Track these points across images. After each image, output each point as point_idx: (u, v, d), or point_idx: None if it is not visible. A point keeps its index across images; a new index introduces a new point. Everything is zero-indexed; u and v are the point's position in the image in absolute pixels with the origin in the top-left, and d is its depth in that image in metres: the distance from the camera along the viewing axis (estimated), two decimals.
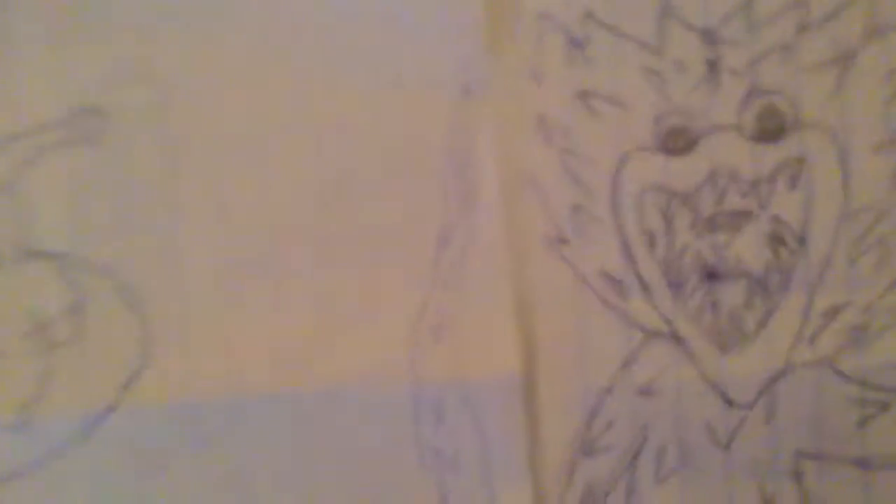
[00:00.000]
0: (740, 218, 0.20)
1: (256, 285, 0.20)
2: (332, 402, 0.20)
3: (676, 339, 0.20)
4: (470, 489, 0.20)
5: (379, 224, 0.20)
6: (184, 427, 0.20)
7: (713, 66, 0.20)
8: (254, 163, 0.20)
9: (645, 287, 0.20)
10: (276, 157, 0.20)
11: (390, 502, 0.20)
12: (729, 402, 0.20)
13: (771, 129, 0.20)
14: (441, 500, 0.20)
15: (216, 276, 0.20)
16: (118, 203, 0.20)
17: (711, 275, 0.20)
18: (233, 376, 0.20)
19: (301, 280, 0.20)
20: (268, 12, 0.20)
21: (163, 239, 0.20)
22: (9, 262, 0.20)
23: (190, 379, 0.20)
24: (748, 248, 0.20)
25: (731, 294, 0.20)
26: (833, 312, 0.20)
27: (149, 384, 0.20)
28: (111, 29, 0.19)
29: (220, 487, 0.20)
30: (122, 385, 0.20)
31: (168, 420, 0.20)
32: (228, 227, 0.20)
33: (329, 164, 0.20)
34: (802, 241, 0.20)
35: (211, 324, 0.20)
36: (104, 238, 0.20)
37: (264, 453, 0.20)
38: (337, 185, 0.20)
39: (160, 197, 0.20)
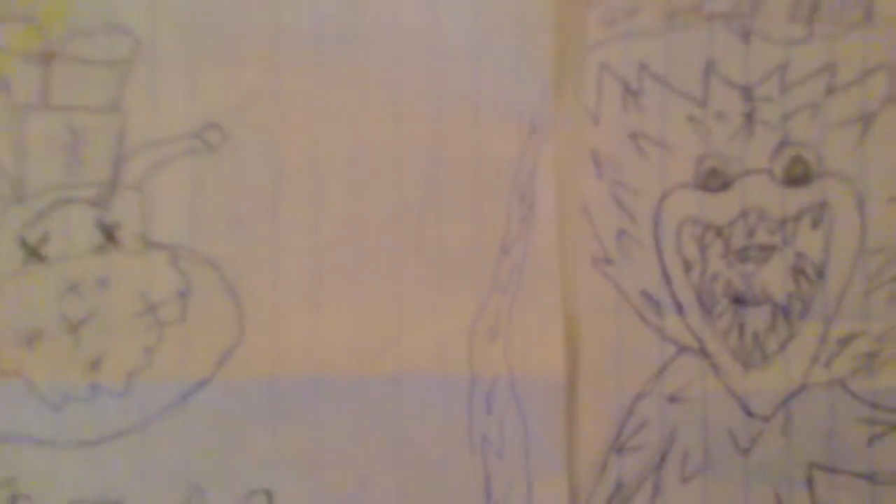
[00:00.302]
0: (767, 251, 0.23)
1: (340, 283, 0.23)
2: (398, 388, 0.23)
3: (705, 354, 0.23)
4: (511, 475, 0.23)
5: (450, 235, 0.23)
6: (267, 401, 0.23)
7: (749, 119, 0.23)
8: (345, 180, 0.23)
9: (679, 307, 0.23)
10: (366, 175, 0.23)
11: (440, 481, 0.23)
12: (749, 414, 0.23)
13: (798, 175, 0.23)
14: (485, 482, 0.23)
15: (306, 274, 0.23)
16: (228, 206, 0.23)
17: (739, 300, 0.23)
18: (313, 360, 0.23)
19: (379, 281, 0.23)
20: (365, 49, 0.23)
21: (263, 239, 0.23)
22: (130, 250, 0.23)
23: (276, 360, 0.23)
24: (773, 278, 0.23)
25: (756, 318, 0.23)
26: (847, 339, 0.23)
27: (240, 362, 0.23)
28: (238, 57, 0.23)
29: (292, 460, 0.23)
30: (217, 361, 0.23)
31: (254, 394, 0.23)
32: (320, 233, 0.23)
33: (410, 183, 0.23)
34: (822, 274, 0.23)
35: (298, 314, 0.23)
36: (213, 235, 0.23)
37: (334, 430, 0.23)
38: (416, 201, 0.23)
39: (264, 204, 0.23)
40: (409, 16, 0.23)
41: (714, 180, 0.23)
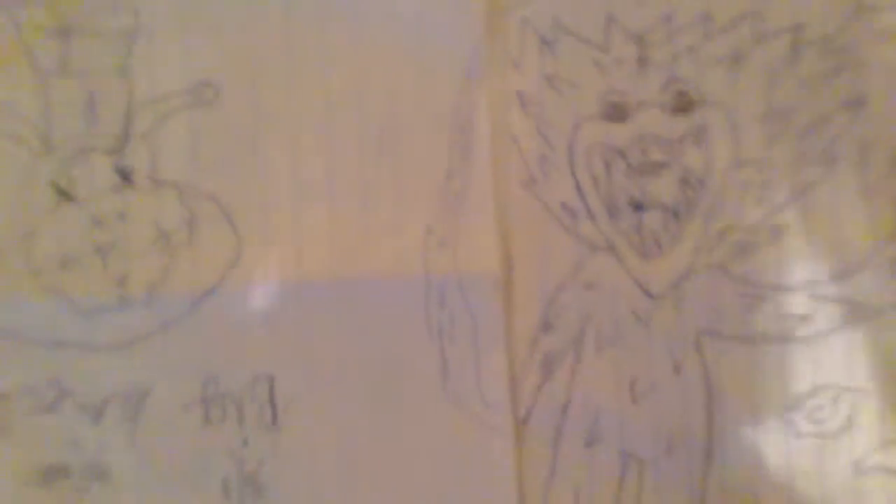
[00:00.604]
0: (659, 167, 0.28)
1: (316, 207, 0.28)
2: (367, 289, 0.28)
3: (612, 250, 0.28)
4: (462, 354, 0.28)
5: (405, 165, 0.28)
6: (262, 304, 0.28)
7: (642, 61, 0.28)
8: (317, 122, 0.28)
9: (591, 214, 0.28)
10: (333, 118, 0.28)
11: (407, 364, 0.28)
12: (648, 295, 0.28)
13: (682, 105, 0.28)
14: (442, 363, 0.28)
15: (288, 201, 0.28)
16: (222, 149, 0.28)
17: (638, 206, 0.28)
18: (297, 269, 0.28)
19: (347, 204, 0.28)
20: (329, 15, 0.28)
21: (252, 174, 0.28)
22: (143, 189, 0.28)
23: (267, 271, 0.28)
24: (664, 187, 0.28)
25: (652, 219, 0.28)
26: (724, 232, 0.28)
27: (238, 274, 0.28)
28: (223, 25, 0.28)
29: (286, 349, 0.28)
30: (220, 274, 0.28)
31: (251, 299, 0.28)
32: (297, 167, 0.28)
33: (371, 123, 0.28)
34: (703, 183, 0.28)
35: (283, 233, 0.28)
36: (211, 173, 0.28)
37: (317, 326, 0.28)
38: (376, 138, 0.28)
39: (251, 146, 0.28)
40: None
41: (615, 112, 0.28)
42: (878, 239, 0.28)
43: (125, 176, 0.28)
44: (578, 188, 0.28)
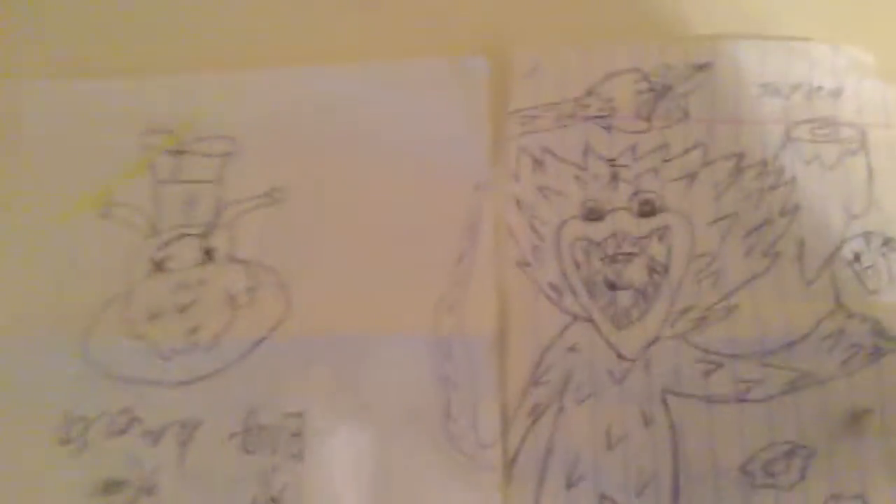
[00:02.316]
0: (629, 256, 0.35)
1: (353, 279, 0.35)
2: (388, 343, 0.34)
3: (591, 321, 0.34)
4: (463, 400, 0.33)
5: (425, 251, 0.35)
6: (300, 353, 0.34)
7: (614, 177, 0.36)
8: (361, 216, 0.36)
9: (573, 292, 0.35)
10: (370, 218, 0.36)
11: (414, 406, 0.33)
12: (622, 357, 0.33)
13: (647, 211, 0.36)
14: (446, 405, 0.33)
15: (332, 273, 0.35)
16: (284, 235, 0.36)
17: (613, 286, 0.34)
18: (332, 327, 0.35)
19: (379, 277, 0.35)
20: (369, 146, 0.38)
21: (304, 255, 0.36)
22: (221, 263, 0.36)
23: (308, 328, 0.35)
24: (635, 273, 0.34)
25: (624, 298, 0.34)
26: (685, 310, 0.34)
27: (285, 329, 0.35)
28: (294, 150, 0.38)
29: (317, 391, 0.33)
30: (271, 328, 0.35)
31: (293, 349, 0.34)
32: (342, 248, 0.36)
33: (401, 218, 0.36)
34: (667, 270, 0.34)
35: (325, 299, 0.35)
36: (274, 254, 0.36)
37: (345, 371, 0.34)
38: (404, 231, 0.36)
39: (306, 234, 0.36)
40: (398, 126, 0.38)
41: (593, 214, 0.36)
42: (818, 317, 0.33)
43: (209, 254, 0.36)
44: (563, 271, 0.35)
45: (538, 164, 0.37)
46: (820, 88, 0.37)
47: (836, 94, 0.37)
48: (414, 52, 0.39)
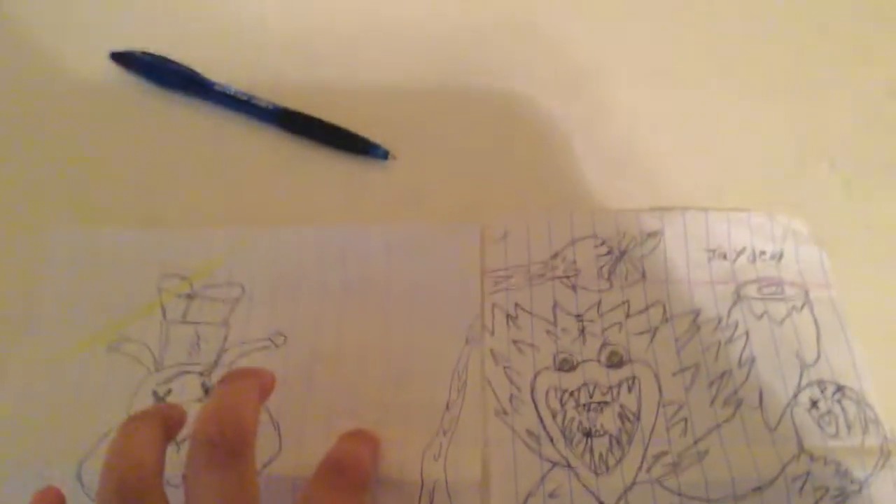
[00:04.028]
0: (602, 405, 0.36)
1: (343, 421, 0.36)
2: (377, 488, 0.34)
3: (569, 467, 0.35)
4: None
5: (415, 399, 0.37)
6: (290, 489, 0.35)
7: (582, 331, 0.39)
8: (353, 362, 0.38)
9: (550, 439, 0.36)
10: (365, 363, 0.38)
11: None
12: (601, 502, 0.34)
13: (615, 362, 0.38)
14: None
15: (322, 416, 0.37)
16: (280, 376, 0.35)
17: (588, 434, 0.36)
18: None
19: (368, 422, 0.36)
20: (372, 296, 0.41)
21: (299, 396, 0.37)
22: None
23: (297, 466, 0.35)
24: (608, 420, 0.36)
25: (600, 444, 0.35)
26: (659, 456, 0.35)
27: (276, 466, 0.36)
28: (296, 301, 0.40)
29: None
30: (264, 464, 0.36)
31: (282, 485, 0.35)
32: (334, 392, 0.38)
33: (391, 370, 0.38)
34: (638, 417, 0.36)
35: (315, 440, 0.36)
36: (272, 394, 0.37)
37: None
38: (393, 379, 0.38)
39: (303, 376, 0.38)
40: (396, 280, 0.41)
41: (565, 366, 0.38)
42: (783, 462, 0.35)
43: (207, 391, 0.38)
44: (539, 419, 0.36)
45: (511, 319, 0.39)
46: (763, 253, 0.41)
47: (777, 257, 0.41)
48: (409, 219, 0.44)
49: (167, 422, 0.31)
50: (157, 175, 0.46)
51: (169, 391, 0.38)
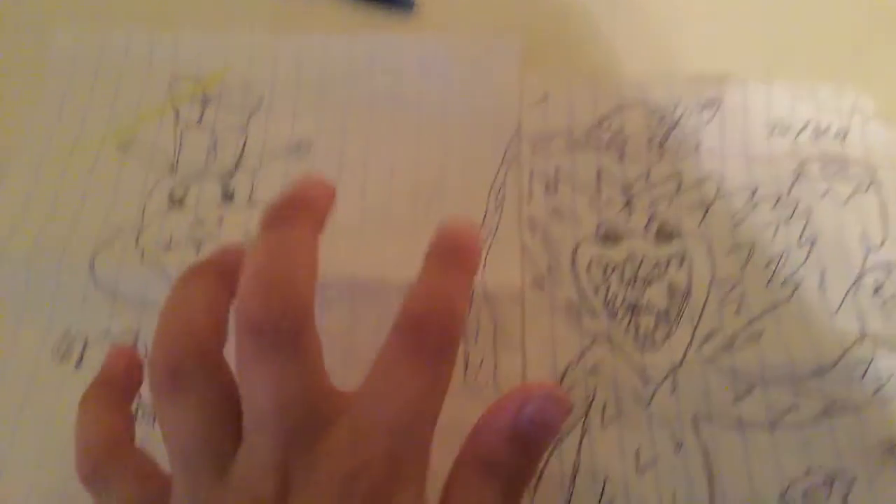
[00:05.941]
0: (648, 280, 0.33)
1: (375, 230, 0.34)
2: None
3: (612, 343, 0.32)
4: (482, 354, 0.32)
5: (447, 208, 0.35)
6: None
7: (628, 203, 0.35)
8: (382, 175, 0.36)
9: (593, 313, 0.33)
10: (395, 179, 0.36)
11: None
12: (647, 380, 0.31)
13: (664, 236, 0.35)
14: (464, 360, 0.32)
15: (354, 225, 0.35)
16: None
17: (633, 309, 0.33)
18: (346, 270, 0.33)
19: (398, 236, 0.34)
20: (405, 102, 0.38)
21: None
22: (240, 204, 0.36)
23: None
24: (655, 296, 0.33)
25: (646, 321, 0.33)
26: (709, 336, 0.32)
27: None
28: (322, 101, 0.38)
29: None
30: None
31: None
32: (364, 204, 0.35)
33: (421, 185, 0.36)
34: (688, 294, 0.33)
35: (342, 247, 0.33)
36: None
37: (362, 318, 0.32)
38: (431, 184, 0.36)
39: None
40: (431, 93, 0.38)
41: (609, 237, 0.35)
42: (844, 346, 0.32)
43: (228, 195, 0.36)
44: (581, 292, 0.33)
45: (551, 186, 0.36)
46: (828, 128, 0.37)
47: (843, 134, 0.37)
48: None
49: (224, 271, 0.25)
50: None
51: (186, 192, 0.36)
